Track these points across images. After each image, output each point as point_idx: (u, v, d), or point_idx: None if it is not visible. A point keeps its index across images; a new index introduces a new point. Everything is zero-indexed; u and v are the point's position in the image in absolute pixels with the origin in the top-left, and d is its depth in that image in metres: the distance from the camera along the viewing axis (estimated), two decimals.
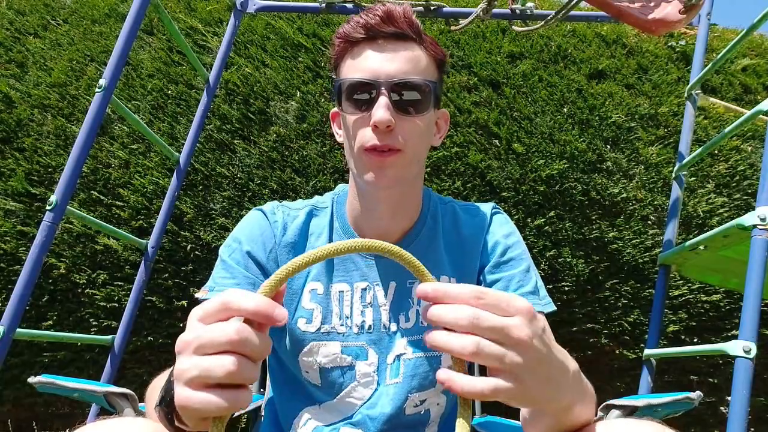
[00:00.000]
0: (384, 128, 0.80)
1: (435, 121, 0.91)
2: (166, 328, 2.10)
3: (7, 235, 2.04)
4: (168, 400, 0.52)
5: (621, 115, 2.30)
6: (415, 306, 0.90)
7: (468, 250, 0.94)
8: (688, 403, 0.84)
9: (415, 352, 0.88)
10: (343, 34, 0.86)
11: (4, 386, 2.11)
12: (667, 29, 1.12)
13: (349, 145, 0.86)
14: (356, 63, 0.84)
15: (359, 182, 0.88)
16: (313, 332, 0.88)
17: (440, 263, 0.92)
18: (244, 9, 1.76)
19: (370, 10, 0.84)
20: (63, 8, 2.43)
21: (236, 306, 0.45)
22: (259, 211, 0.94)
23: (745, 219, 1.09)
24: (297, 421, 0.92)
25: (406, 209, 0.92)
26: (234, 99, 2.22)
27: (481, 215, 0.97)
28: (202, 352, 0.45)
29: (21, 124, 2.15)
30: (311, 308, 0.89)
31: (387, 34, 0.83)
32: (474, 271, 0.93)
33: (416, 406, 0.89)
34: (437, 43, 0.90)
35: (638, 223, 2.23)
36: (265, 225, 0.91)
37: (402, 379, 0.88)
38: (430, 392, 0.90)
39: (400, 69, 0.82)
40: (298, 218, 0.93)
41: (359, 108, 0.82)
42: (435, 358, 0.89)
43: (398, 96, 0.81)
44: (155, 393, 0.68)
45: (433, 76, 0.86)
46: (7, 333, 1.11)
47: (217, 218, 2.11)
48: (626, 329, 2.21)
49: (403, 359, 0.88)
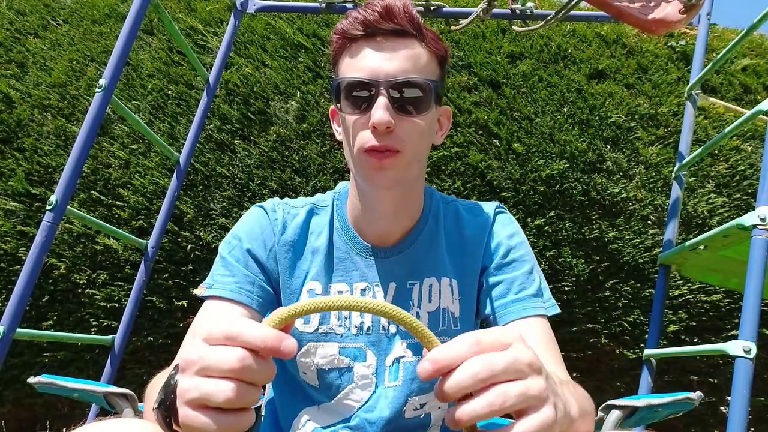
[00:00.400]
0: (383, 129, 0.78)
1: (437, 118, 0.89)
2: (166, 328, 2.10)
3: (7, 235, 2.04)
4: (167, 404, 0.52)
5: (621, 115, 2.30)
6: (416, 308, 0.89)
7: (470, 250, 0.92)
8: (689, 403, 0.84)
9: (416, 355, 0.87)
10: (341, 30, 0.83)
11: (4, 386, 2.11)
12: (667, 29, 1.12)
13: (349, 145, 0.84)
14: (354, 62, 0.82)
15: (359, 182, 0.87)
16: (311, 333, 0.88)
17: (441, 264, 0.91)
18: (244, 9, 1.76)
19: (369, 5, 0.81)
20: (63, 8, 2.43)
21: (242, 338, 0.45)
22: (260, 208, 0.93)
23: (745, 219, 1.09)
24: (296, 422, 0.91)
25: (407, 209, 0.91)
26: (234, 99, 2.22)
27: (484, 215, 0.95)
28: (204, 374, 0.45)
29: (21, 124, 2.15)
30: None
31: (386, 30, 0.81)
32: (476, 272, 0.92)
33: (416, 409, 0.89)
34: (439, 38, 0.87)
35: (638, 223, 2.22)
36: (266, 223, 0.91)
37: (402, 382, 0.87)
38: (430, 395, 0.89)
39: (399, 67, 0.79)
40: (298, 216, 0.92)
41: (358, 108, 0.80)
42: None
43: (398, 95, 0.79)
44: (154, 392, 0.68)
45: (434, 74, 0.84)
46: (7, 333, 1.11)
47: (217, 218, 2.11)
48: (626, 329, 2.21)
49: (402, 362, 0.87)
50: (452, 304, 0.90)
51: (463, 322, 0.90)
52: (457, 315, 0.90)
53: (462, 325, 0.90)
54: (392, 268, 0.90)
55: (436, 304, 0.89)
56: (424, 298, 0.89)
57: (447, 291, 0.90)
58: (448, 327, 0.89)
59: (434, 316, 0.89)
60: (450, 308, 0.89)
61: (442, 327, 0.89)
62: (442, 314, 0.89)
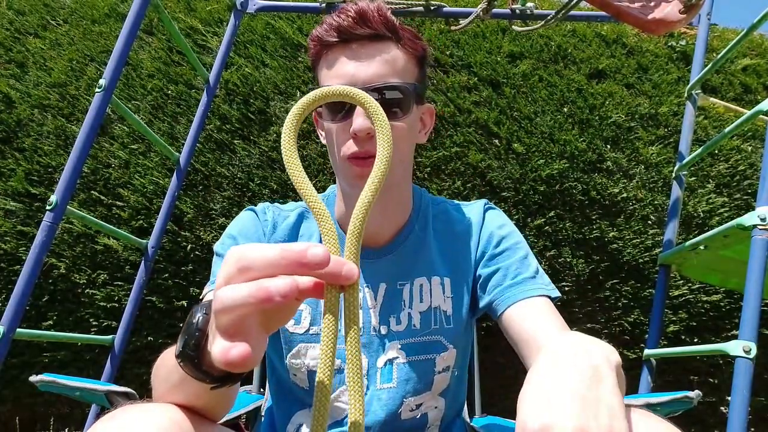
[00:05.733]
0: (364, 135, 0.78)
1: (419, 118, 0.89)
2: (166, 328, 2.10)
3: (7, 235, 2.04)
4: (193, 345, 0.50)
5: (621, 114, 2.30)
6: (407, 308, 0.89)
7: (461, 248, 0.92)
8: (688, 402, 0.84)
9: (409, 356, 0.87)
10: (316, 37, 0.83)
11: (4, 386, 2.11)
12: (667, 29, 1.12)
13: (332, 152, 0.85)
14: (332, 71, 0.81)
15: (344, 187, 0.87)
16: (302, 334, 0.87)
17: (432, 263, 0.91)
18: (244, 9, 1.76)
19: (343, 10, 0.81)
20: (63, 8, 2.43)
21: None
22: (251, 210, 0.94)
23: (745, 219, 1.09)
24: (290, 426, 0.91)
25: (395, 210, 0.90)
26: (234, 99, 2.22)
27: (473, 212, 0.95)
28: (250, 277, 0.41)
29: (21, 124, 2.15)
30: (300, 309, 0.87)
31: (361, 36, 0.80)
32: (469, 270, 0.91)
33: (412, 410, 0.88)
34: (417, 36, 0.86)
35: (638, 223, 2.22)
36: (257, 223, 0.92)
37: (396, 384, 0.86)
38: (425, 396, 0.89)
39: (376, 73, 0.79)
40: (288, 219, 0.92)
41: (338, 116, 0.80)
42: (429, 360, 0.88)
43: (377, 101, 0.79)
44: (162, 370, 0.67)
45: (412, 76, 0.84)
46: (7, 333, 1.11)
47: (217, 218, 2.11)
48: (626, 329, 2.21)
49: (396, 364, 0.86)
50: (444, 303, 0.89)
51: (455, 320, 0.89)
52: (450, 313, 0.89)
53: (455, 323, 0.89)
54: (382, 269, 0.89)
55: (427, 304, 0.89)
56: (415, 298, 0.89)
57: (438, 290, 0.89)
58: (440, 326, 0.89)
59: (426, 316, 0.88)
60: (442, 307, 0.89)
61: (434, 326, 0.88)
62: (433, 313, 0.89)
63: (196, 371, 0.51)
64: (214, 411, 0.69)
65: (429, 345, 0.88)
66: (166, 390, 0.64)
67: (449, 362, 0.89)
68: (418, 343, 0.87)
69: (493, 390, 2.19)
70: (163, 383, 0.65)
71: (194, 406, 0.64)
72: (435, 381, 0.89)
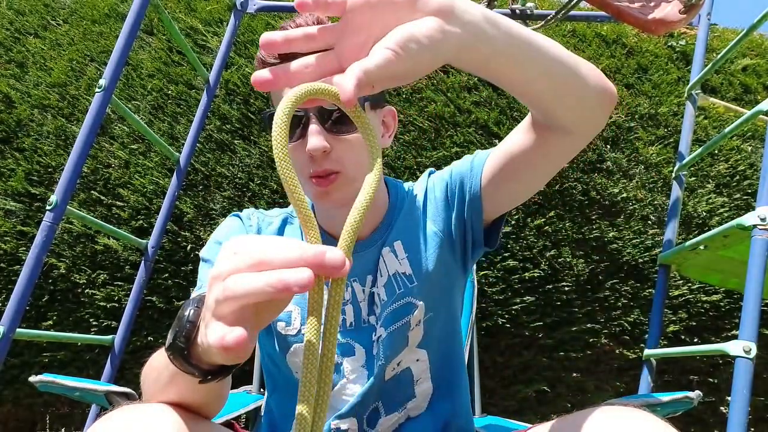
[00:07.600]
0: (320, 154, 0.78)
1: (380, 122, 0.89)
2: (166, 329, 2.10)
3: (7, 235, 2.04)
4: (183, 337, 0.50)
5: (621, 114, 2.30)
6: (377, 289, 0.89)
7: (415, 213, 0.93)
8: (688, 402, 0.85)
9: (388, 328, 0.87)
10: (259, 59, 0.82)
11: (3, 386, 2.11)
12: (667, 29, 1.12)
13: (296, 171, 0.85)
14: (279, 93, 0.81)
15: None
16: (294, 334, 0.88)
17: (416, 244, 0.91)
18: (244, 9, 1.76)
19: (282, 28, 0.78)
20: (63, 8, 2.43)
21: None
22: (236, 216, 0.95)
23: (745, 219, 1.09)
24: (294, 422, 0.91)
25: (370, 211, 0.91)
26: (234, 99, 2.22)
27: (421, 183, 0.97)
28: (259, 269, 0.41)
29: (21, 124, 2.15)
30: (289, 310, 0.88)
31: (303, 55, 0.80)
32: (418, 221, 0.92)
33: (393, 369, 0.89)
34: None
35: (638, 223, 2.23)
36: (243, 228, 0.93)
37: (384, 359, 0.87)
38: (403, 353, 0.89)
39: None
40: (272, 224, 0.93)
41: (293, 137, 0.80)
42: (405, 324, 0.88)
43: (328, 118, 0.79)
44: (151, 373, 0.67)
45: None
46: (7, 333, 1.11)
47: (217, 218, 2.11)
48: (626, 329, 2.21)
49: (381, 341, 0.87)
50: (400, 266, 0.89)
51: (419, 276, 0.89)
52: (410, 272, 0.89)
53: (418, 279, 0.89)
54: (366, 261, 0.90)
55: (386, 276, 0.89)
56: (379, 278, 0.90)
57: (391, 258, 0.90)
58: (404, 288, 0.88)
59: (389, 287, 0.88)
60: (399, 270, 0.89)
61: (399, 291, 0.88)
62: (394, 280, 0.89)
63: (186, 364, 0.52)
64: (207, 408, 0.69)
65: (400, 310, 0.88)
66: (156, 390, 0.65)
67: (419, 317, 0.90)
68: (391, 313, 0.88)
69: (494, 390, 2.19)
70: (153, 384, 0.66)
71: (186, 404, 0.64)
72: (410, 337, 0.89)
